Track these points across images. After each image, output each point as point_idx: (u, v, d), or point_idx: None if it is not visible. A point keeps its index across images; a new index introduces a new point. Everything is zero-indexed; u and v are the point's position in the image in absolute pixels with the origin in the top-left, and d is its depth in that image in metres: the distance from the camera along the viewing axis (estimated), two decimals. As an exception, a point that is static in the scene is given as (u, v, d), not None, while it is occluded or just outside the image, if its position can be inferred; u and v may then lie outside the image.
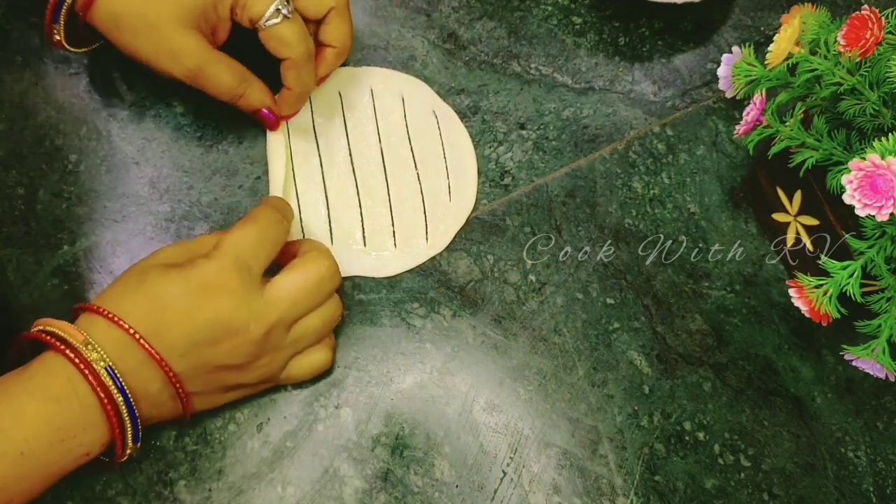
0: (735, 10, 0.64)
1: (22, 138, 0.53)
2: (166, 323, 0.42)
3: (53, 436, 0.39)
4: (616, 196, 0.56)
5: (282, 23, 0.48)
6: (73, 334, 0.41)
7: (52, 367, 0.41)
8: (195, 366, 0.43)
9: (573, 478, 0.48)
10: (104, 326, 0.42)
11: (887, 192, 0.39)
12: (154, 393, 0.42)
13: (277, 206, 0.48)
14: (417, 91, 0.58)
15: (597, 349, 0.52)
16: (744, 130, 0.50)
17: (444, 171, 0.55)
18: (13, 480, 0.39)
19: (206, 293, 0.42)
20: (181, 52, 0.48)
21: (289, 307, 0.45)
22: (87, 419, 0.40)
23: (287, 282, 0.45)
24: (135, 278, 0.44)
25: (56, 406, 0.40)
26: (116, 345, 0.41)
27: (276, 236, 0.46)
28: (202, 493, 0.46)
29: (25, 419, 0.39)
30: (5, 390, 0.40)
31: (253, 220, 0.46)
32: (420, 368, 0.50)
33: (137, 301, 0.42)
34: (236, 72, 0.51)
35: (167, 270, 0.43)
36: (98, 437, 0.41)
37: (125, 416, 0.41)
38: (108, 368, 0.40)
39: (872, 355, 0.44)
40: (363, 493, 0.47)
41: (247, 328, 0.43)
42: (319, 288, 0.46)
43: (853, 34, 0.44)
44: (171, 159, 0.54)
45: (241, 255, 0.44)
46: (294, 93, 0.52)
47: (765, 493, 0.49)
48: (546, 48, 0.61)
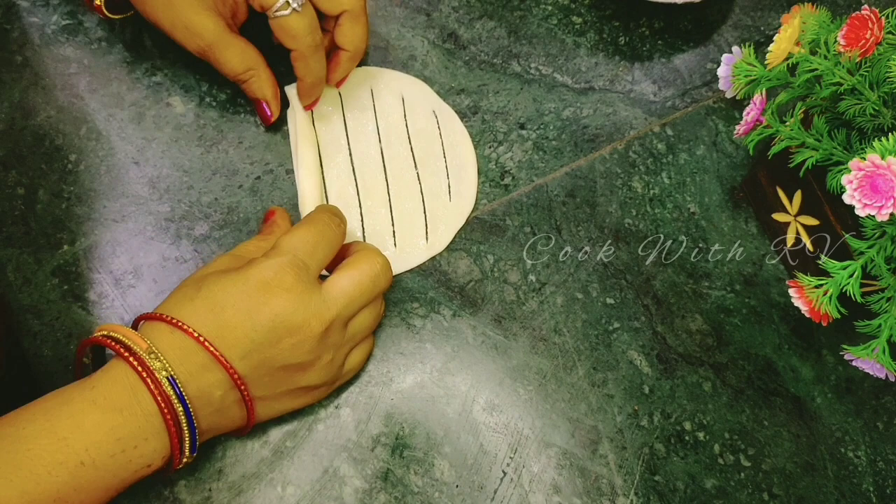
0: (735, 10, 0.64)
1: (22, 138, 0.53)
2: (227, 324, 0.42)
3: (115, 446, 0.39)
4: (616, 196, 0.56)
5: (291, 15, 0.49)
6: (137, 342, 0.41)
7: (115, 375, 0.41)
8: (258, 366, 0.43)
9: (573, 478, 0.48)
10: (166, 332, 0.42)
11: (887, 192, 0.39)
12: (217, 399, 0.42)
13: (333, 211, 0.49)
14: (417, 91, 0.58)
15: (597, 349, 0.52)
16: (744, 130, 0.50)
17: (444, 171, 0.55)
18: (72, 491, 0.38)
19: (265, 291, 0.43)
20: (195, 30, 0.50)
21: (346, 304, 0.45)
22: (148, 429, 0.40)
23: (344, 279, 0.46)
24: (192, 286, 0.44)
25: (118, 416, 0.39)
26: (178, 350, 0.41)
27: (333, 238, 0.47)
28: (202, 493, 0.46)
29: (87, 429, 0.39)
30: (67, 399, 0.40)
31: (310, 222, 0.47)
32: (420, 368, 0.50)
33: (197, 306, 0.43)
34: (245, 57, 0.52)
35: (224, 274, 0.44)
36: (160, 448, 0.41)
37: (184, 426, 0.41)
38: (169, 378, 0.40)
39: (872, 355, 0.44)
40: (363, 493, 0.47)
41: (307, 325, 0.43)
42: (374, 284, 0.46)
43: (853, 34, 0.44)
44: (171, 159, 0.54)
45: (299, 254, 0.45)
46: (305, 83, 0.53)
47: (765, 493, 0.49)
48: (546, 48, 0.61)
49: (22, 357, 0.48)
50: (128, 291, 0.50)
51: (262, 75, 0.53)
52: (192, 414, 0.41)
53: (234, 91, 0.56)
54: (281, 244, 0.45)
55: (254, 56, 0.52)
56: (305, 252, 0.45)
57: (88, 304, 0.50)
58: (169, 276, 0.51)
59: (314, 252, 0.45)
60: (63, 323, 0.49)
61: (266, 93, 0.53)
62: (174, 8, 0.50)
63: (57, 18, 0.56)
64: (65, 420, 0.39)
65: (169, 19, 0.50)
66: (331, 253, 0.47)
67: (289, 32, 0.50)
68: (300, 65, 0.52)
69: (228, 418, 0.44)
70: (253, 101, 0.54)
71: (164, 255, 0.51)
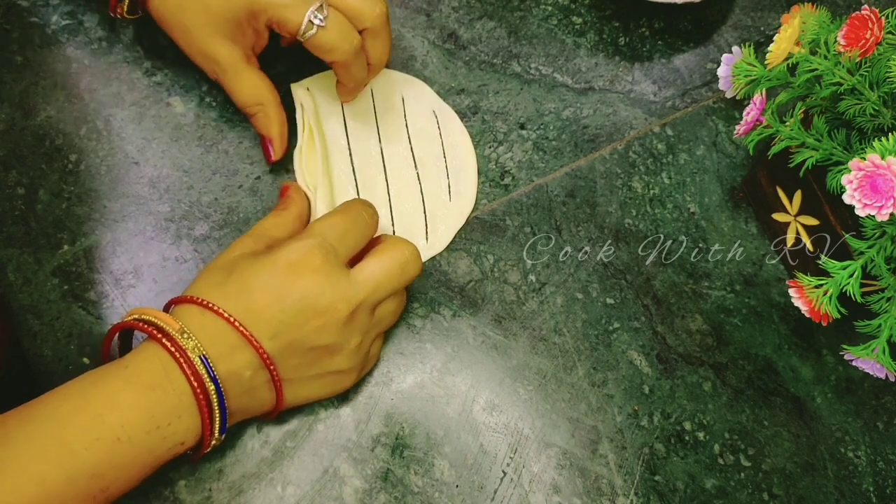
0: (735, 10, 0.64)
1: (22, 138, 0.53)
2: (256, 306, 0.43)
3: (149, 423, 0.40)
4: (616, 196, 0.56)
5: (318, 33, 0.49)
6: (170, 322, 0.42)
7: (148, 355, 0.41)
8: (286, 347, 0.43)
9: (573, 478, 0.48)
10: (197, 314, 0.43)
11: (887, 192, 0.39)
12: (246, 379, 0.43)
13: (368, 203, 0.49)
14: (417, 91, 0.58)
15: (597, 349, 0.52)
16: (744, 130, 0.50)
17: (444, 171, 0.55)
18: (109, 467, 0.39)
19: (293, 273, 0.43)
20: (210, 56, 0.51)
21: (374, 289, 0.45)
22: (180, 407, 0.41)
23: (373, 264, 0.46)
24: (221, 270, 0.45)
25: (151, 394, 0.40)
26: (209, 331, 0.42)
27: (364, 227, 0.48)
28: (202, 493, 0.46)
29: (121, 406, 0.40)
30: (101, 379, 0.41)
31: (343, 210, 0.48)
32: (420, 368, 0.50)
33: (228, 289, 0.43)
34: (257, 91, 0.52)
35: (254, 257, 0.45)
36: (192, 427, 0.41)
37: (215, 405, 0.42)
38: (202, 357, 0.41)
39: (872, 355, 0.44)
40: (363, 493, 0.47)
41: (334, 307, 0.43)
42: (403, 271, 0.47)
43: (853, 34, 0.44)
44: (171, 159, 0.54)
45: (328, 238, 0.45)
46: (348, 87, 0.54)
47: (765, 493, 0.49)
48: (546, 48, 0.61)
49: (22, 357, 0.48)
50: (128, 291, 0.50)
51: (271, 112, 0.52)
52: (223, 393, 0.42)
53: (234, 91, 0.56)
54: (312, 227, 0.46)
55: (265, 91, 0.52)
56: (335, 236, 0.46)
57: (88, 304, 0.50)
58: (169, 276, 0.51)
59: (344, 237, 0.46)
60: (63, 323, 0.49)
61: (272, 131, 0.53)
62: (192, 34, 0.50)
63: (57, 18, 0.56)
64: (99, 398, 0.40)
65: (187, 43, 0.51)
66: (361, 241, 0.47)
67: (324, 48, 0.50)
68: (343, 72, 0.52)
69: (257, 400, 0.44)
70: (260, 138, 0.54)
71: (164, 255, 0.51)
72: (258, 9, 0.49)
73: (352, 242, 0.47)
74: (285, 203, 0.51)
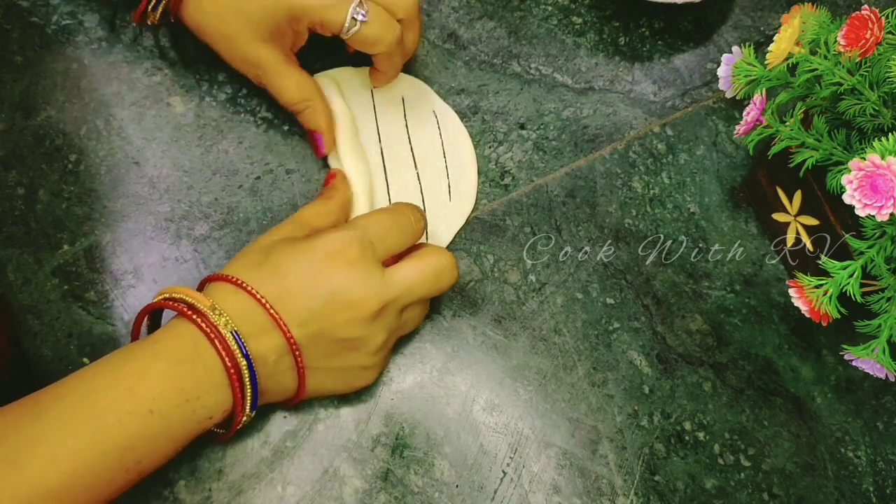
0: (735, 10, 0.64)
1: (22, 138, 0.53)
2: (288, 291, 0.43)
3: (179, 396, 0.40)
4: (616, 196, 0.56)
5: (361, 28, 0.49)
6: (201, 300, 0.42)
7: (178, 331, 0.42)
8: (313, 335, 0.43)
9: (573, 478, 0.48)
10: (230, 292, 0.43)
11: (887, 192, 0.39)
12: (271, 363, 0.43)
13: (417, 208, 0.50)
14: (417, 91, 0.58)
15: (597, 349, 0.52)
16: (744, 130, 0.50)
17: (444, 171, 0.55)
18: (142, 440, 0.39)
19: (328, 262, 0.44)
20: (252, 61, 0.51)
21: (405, 290, 0.46)
22: (210, 381, 0.41)
23: (408, 267, 0.46)
24: (259, 252, 0.45)
25: (181, 368, 0.41)
26: (240, 310, 0.42)
27: (408, 229, 0.48)
28: (202, 493, 0.46)
29: (153, 379, 0.40)
30: (132, 354, 0.42)
31: (391, 209, 0.49)
32: (420, 368, 0.50)
33: (263, 271, 0.44)
34: (302, 88, 0.52)
35: (292, 243, 0.45)
36: (221, 401, 0.42)
37: (247, 380, 0.42)
38: (233, 333, 0.41)
39: (872, 355, 0.44)
40: (363, 493, 0.47)
41: (364, 302, 0.44)
42: (437, 278, 0.47)
43: (853, 34, 0.44)
44: (171, 159, 0.54)
45: (368, 234, 0.46)
46: (388, 75, 0.55)
47: (765, 493, 0.49)
48: (546, 48, 0.61)
49: (22, 357, 0.48)
50: (128, 291, 0.50)
51: (318, 107, 0.53)
52: (255, 369, 0.42)
53: (234, 91, 0.56)
54: (355, 220, 0.47)
55: (311, 87, 0.52)
56: (376, 233, 0.46)
57: (88, 304, 0.50)
58: (169, 276, 0.51)
59: (385, 236, 0.46)
60: (63, 323, 0.49)
61: (321, 124, 0.53)
62: (233, 42, 0.50)
63: (57, 18, 0.56)
64: (130, 372, 0.40)
65: (228, 51, 0.51)
66: (403, 242, 0.47)
67: (368, 41, 0.50)
68: (385, 63, 0.53)
69: (281, 385, 0.45)
70: (307, 132, 0.54)
71: (164, 255, 0.51)
72: (299, 13, 0.49)
73: (392, 242, 0.47)
74: (330, 192, 0.51)
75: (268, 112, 0.56)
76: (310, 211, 0.49)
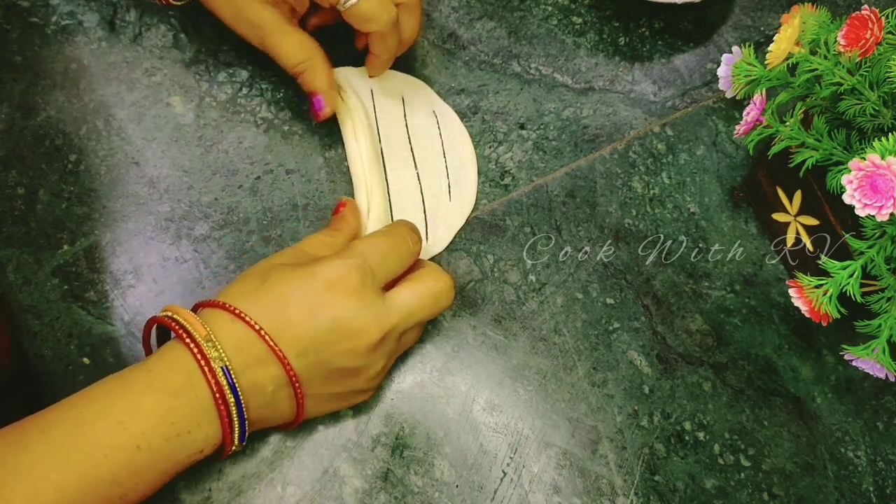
0: (735, 10, 0.64)
1: (22, 138, 0.53)
2: (289, 321, 0.42)
3: (169, 430, 0.40)
4: (616, 196, 0.56)
5: (359, 3, 0.49)
6: (197, 328, 0.41)
7: (174, 358, 0.41)
8: (313, 365, 0.43)
9: (573, 478, 0.48)
10: (227, 321, 0.42)
11: (887, 192, 0.39)
12: (269, 393, 0.42)
13: (412, 227, 0.49)
14: (417, 91, 0.58)
15: (597, 349, 0.52)
16: (744, 130, 0.50)
17: (444, 171, 0.55)
18: (129, 474, 0.39)
19: (329, 291, 0.43)
20: (256, 24, 0.51)
21: (406, 315, 0.45)
22: (201, 415, 0.41)
23: (407, 292, 0.46)
24: (258, 277, 0.44)
25: (174, 400, 0.40)
26: (237, 341, 0.42)
27: (406, 252, 0.47)
28: (202, 493, 0.46)
29: (143, 412, 0.40)
30: (124, 382, 0.41)
31: (387, 233, 0.48)
32: (420, 368, 0.50)
33: (261, 298, 0.43)
34: (302, 49, 0.52)
35: (293, 269, 0.44)
36: (211, 434, 0.41)
37: (234, 415, 0.41)
38: (224, 368, 0.41)
39: (872, 355, 0.44)
40: (363, 493, 0.47)
41: (366, 331, 0.43)
42: (435, 302, 0.47)
43: (853, 34, 0.44)
44: (171, 159, 0.54)
45: (368, 260, 0.45)
46: (381, 59, 0.54)
47: (765, 493, 0.49)
48: (546, 48, 0.61)
49: (22, 357, 0.48)
50: (128, 291, 0.50)
51: (318, 66, 0.52)
52: (242, 405, 0.41)
53: (234, 91, 0.56)
54: (353, 247, 0.46)
55: (311, 46, 0.52)
56: (375, 260, 0.45)
57: (88, 304, 0.50)
58: (169, 276, 0.51)
59: (384, 261, 0.46)
60: (63, 323, 0.49)
61: (320, 85, 0.52)
62: (236, 3, 0.51)
63: (57, 18, 0.56)
64: (123, 403, 0.40)
65: (232, 14, 0.51)
66: (401, 266, 0.47)
67: (363, 18, 0.50)
68: (378, 44, 0.52)
69: (278, 413, 0.44)
70: (308, 96, 0.53)
71: (164, 255, 0.51)
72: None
73: (391, 267, 0.46)
74: (338, 224, 0.50)
75: (268, 112, 0.56)
76: (316, 241, 0.49)
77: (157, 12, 0.57)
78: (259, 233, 0.52)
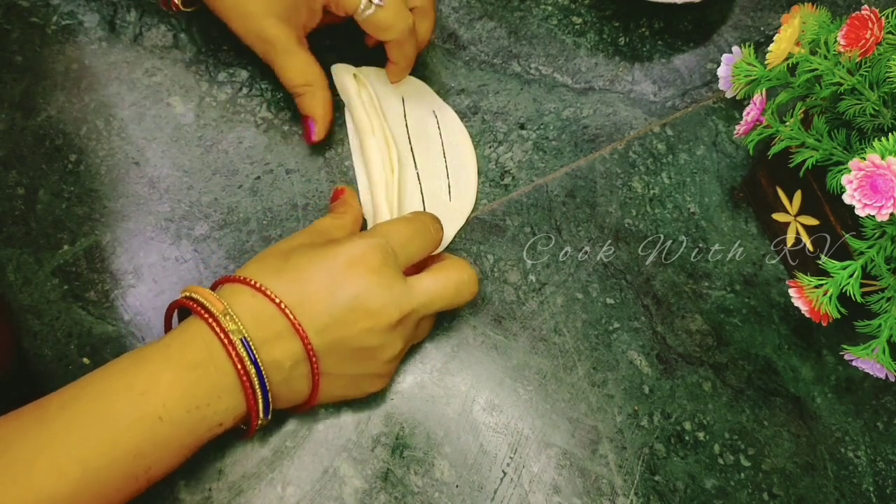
0: (735, 10, 0.64)
1: (22, 138, 0.53)
2: (309, 297, 0.42)
3: (190, 402, 0.40)
4: (616, 196, 0.56)
5: (376, 12, 0.49)
6: (214, 303, 0.42)
7: (192, 333, 0.41)
8: (331, 343, 0.43)
9: (573, 478, 0.48)
10: (248, 296, 0.42)
11: (887, 192, 0.39)
12: (286, 369, 0.43)
13: (435, 217, 0.50)
14: (417, 91, 0.58)
15: (597, 349, 0.52)
16: (744, 130, 0.50)
17: (444, 171, 0.55)
18: (151, 446, 0.39)
19: (350, 269, 0.43)
20: (265, 38, 0.51)
21: (426, 301, 0.45)
22: (222, 386, 0.41)
23: (429, 279, 0.46)
24: (278, 257, 0.45)
25: (193, 373, 0.40)
26: (257, 315, 0.42)
27: (428, 239, 0.48)
28: (202, 493, 0.46)
29: (163, 385, 0.40)
30: (144, 358, 0.41)
31: (410, 218, 0.48)
32: (420, 368, 0.50)
33: (283, 275, 0.43)
34: (306, 71, 0.52)
35: (313, 248, 0.45)
36: (232, 407, 0.41)
37: (257, 387, 0.41)
38: (243, 340, 0.41)
39: (872, 355, 0.44)
40: (363, 493, 0.47)
41: (385, 311, 0.43)
42: (458, 292, 0.47)
43: (853, 34, 0.44)
44: (171, 159, 0.54)
45: (391, 241, 0.45)
46: (400, 66, 0.54)
47: (765, 493, 0.49)
48: (546, 48, 0.61)
49: (22, 357, 0.48)
50: (128, 291, 0.50)
51: (318, 93, 0.53)
52: (264, 376, 0.41)
53: (234, 91, 0.56)
54: (377, 228, 0.47)
55: (315, 72, 0.53)
56: (398, 242, 0.46)
57: (88, 304, 0.50)
58: (169, 276, 0.51)
59: (406, 245, 0.46)
60: (63, 323, 0.49)
61: (317, 111, 0.53)
62: (249, 17, 0.51)
63: (57, 18, 0.56)
64: (141, 377, 0.40)
65: (243, 27, 0.51)
66: (423, 252, 0.47)
67: (380, 27, 0.50)
68: (396, 52, 0.53)
69: (294, 392, 0.44)
70: (302, 117, 0.54)
71: (164, 255, 0.51)
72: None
73: (413, 251, 0.47)
74: (343, 207, 0.51)
75: (268, 112, 0.56)
76: (326, 222, 0.49)
77: (157, 12, 0.57)
78: (259, 233, 0.52)
